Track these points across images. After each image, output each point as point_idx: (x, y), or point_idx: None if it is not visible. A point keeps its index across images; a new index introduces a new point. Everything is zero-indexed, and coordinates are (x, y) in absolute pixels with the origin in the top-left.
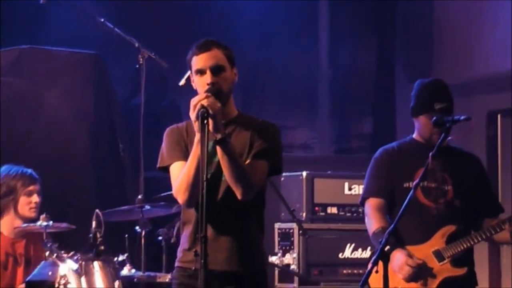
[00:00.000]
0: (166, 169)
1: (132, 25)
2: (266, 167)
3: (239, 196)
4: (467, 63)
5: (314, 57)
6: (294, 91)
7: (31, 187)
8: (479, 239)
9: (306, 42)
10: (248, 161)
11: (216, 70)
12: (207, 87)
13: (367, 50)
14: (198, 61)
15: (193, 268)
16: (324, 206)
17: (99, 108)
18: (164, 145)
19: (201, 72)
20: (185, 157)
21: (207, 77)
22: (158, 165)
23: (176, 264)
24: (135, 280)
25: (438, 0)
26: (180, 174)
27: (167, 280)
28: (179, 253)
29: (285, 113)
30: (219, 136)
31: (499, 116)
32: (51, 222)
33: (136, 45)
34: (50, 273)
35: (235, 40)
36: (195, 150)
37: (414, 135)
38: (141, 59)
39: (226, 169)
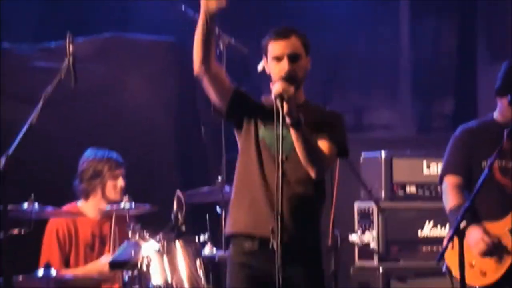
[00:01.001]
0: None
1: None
2: (334, 149)
3: (313, 175)
4: None
5: (396, 38)
6: (376, 73)
7: (117, 171)
8: None
9: (387, 21)
10: (321, 142)
11: (293, 58)
12: (283, 74)
13: (449, 31)
14: (276, 47)
15: (270, 245)
16: (403, 185)
17: (182, 94)
18: None
19: (278, 58)
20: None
21: (284, 64)
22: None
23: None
24: (216, 259)
25: None
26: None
27: None
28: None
29: (367, 94)
30: (292, 119)
31: None
32: (134, 204)
33: (216, 32)
34: (133, 253)
35: (315, 27)
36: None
37: (496, 115)
38: (221, 45)
39: (301, 150)
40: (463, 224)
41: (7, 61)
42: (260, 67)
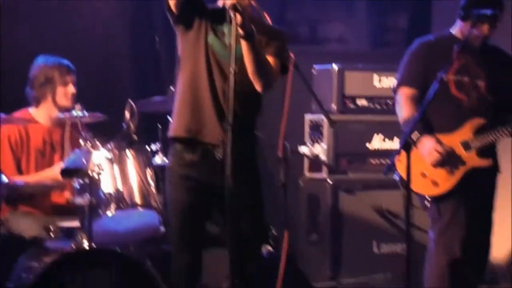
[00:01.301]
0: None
1: None
2: (279, 65)
3: (259, 88)
4: None
5: None
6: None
7: (68, 77)
8: (506, 133)
9: None
10: (267, 57)
11: None
12: None
13: None
14: None
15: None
16: (354, 98)
17: (138, 7)
18: None
19: None
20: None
21: None
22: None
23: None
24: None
25: None
26: None
27: None
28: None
29: (322, 7)
30: (246, 31)
31: None
32: (85, 112)
33: None
34: (84, 161)
35: None
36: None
37: (455, 32)
38: None
39: (251, 62)
40: (415, 135)
41: None
42: None
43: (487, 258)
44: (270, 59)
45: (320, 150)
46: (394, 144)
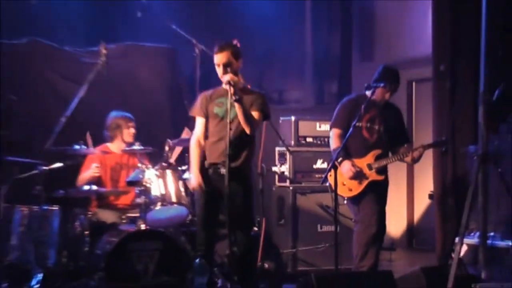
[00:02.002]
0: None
1: (190, 25)
2: (260, 116)
3: (248, 131)
4: (396, 47)
5: (302, 44)
6: (290, 66)
7: (130, 124)
8: (394, 159)
9: (297, 33)
10: (251, 112)
11: (225, 65)
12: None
13: (336, 37)
14: (216, 58)
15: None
16: (304, 137)
17: (174, 81)
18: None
19: (218, 65)
20: (204, 114)
21: (220, 70)
22: (189, 113)
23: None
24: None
25: (379, 1)
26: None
27: None
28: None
29: (284, 80)
30: (236, 96)
31: (413, 83)
32: (142, 146)
33: (194, 41)
34: (141, 176)
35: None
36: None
37: (369, 94)
38: (196, 50)
39: (241, 116)
40: (340, 159)
41: (66, 58)
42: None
43: (384, 231)
44: (254, 113)
45: (285, 169)
46: (327, 165)
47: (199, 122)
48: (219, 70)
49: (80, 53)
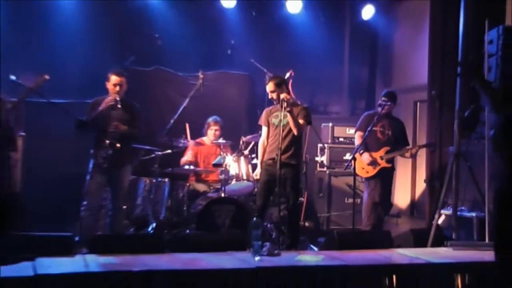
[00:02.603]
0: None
1: (263, 58)
2: (304, 122)
3: (296, 133)
4: (406, 76)
5: (341, 73)
6: (332, 89)
7: (215, 126)
8: (398, 154)
9: (337, 64)
10: (299, 120)
11: (272, 92)
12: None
13: (364, 69)
14: (267, 88)
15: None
16: (338, 138)
17: (250, 97)
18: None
19: (268, 92)
20: (266, 124)
21: (272, 95)
22: (259, 122)
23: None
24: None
25: (396, 41)
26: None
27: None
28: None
29: (328, 98)
30: (288, 109)
31: (418, 103)
32: (224, 140)
33: (265, 70)
34: (222, 160)
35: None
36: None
37: (379, 109)
38: (266, 77)
39: (292, 122)
40: (361, 151)
41: (179, 80)
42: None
43: (391, 204)
44: (301, 120)
45: (324, 159)
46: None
47: (264, 129)
48: (270, 95)
49: (187, 77)
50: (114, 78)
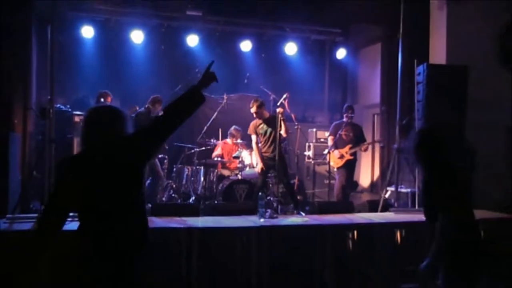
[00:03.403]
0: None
1: (267, 83)
2: (285, 129)
3: (284, 135)
4: (368, 96)
5: (323, 93)
6: (317, 105)
7: (236, 133)
8: (357, 149)
9: (320, 86)
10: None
11: (255, 112)
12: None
13: (339, 90)
14: (252, 109)
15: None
16: (320, 139)
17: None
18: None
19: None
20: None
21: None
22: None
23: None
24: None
25: (361, 70)
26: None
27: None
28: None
29: (314, 111)
30: (282, 118)
31: (375, 115)
32: (241, 141)
33: (269, 93)
34: (239, 154)
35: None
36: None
37: (344, 118)
38: (271, 97)
39: (283, 128)
40: (333, 149)
41: (212, 100)
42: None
43: (356, 184)
44: (283, 128)
45: (310, 153)
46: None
47: (253, 137)
48: (254, 114)
49: (217, 98)
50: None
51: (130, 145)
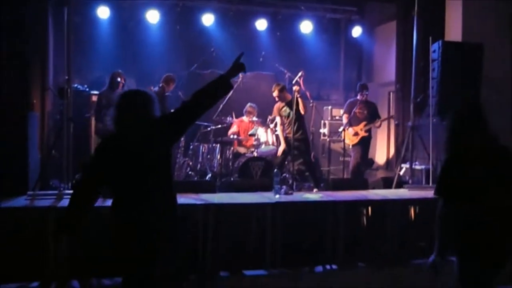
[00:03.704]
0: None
1: (283, 62)
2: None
3: (303, 112)
4: (384, 74)
5: (339, 71)
6: (332, 83)
7: (252, 110)
8: (372, 126)
9: (336, 65)
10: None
11: (277, 96)
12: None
13: (354, 68)
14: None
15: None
16: (335, 116)
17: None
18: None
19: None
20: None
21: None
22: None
23: None
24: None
25: (376, 49)
26: None
27: None
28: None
29: (329, 90)
30: (298, 95)
31: (391, 93)
32: (257, 118)
33: (285, 71)
34: (255, 132)
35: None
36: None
37: (359, 96)
38: (286, 76)
39: (302, 107)
40: (347, 127)
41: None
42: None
43: (372, 161)
44: (302, 106)
45: (325, 130)
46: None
47: (278, 118)
48: (277, 98)
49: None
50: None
51: (159, 127)
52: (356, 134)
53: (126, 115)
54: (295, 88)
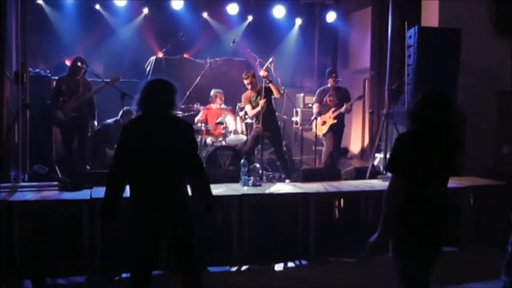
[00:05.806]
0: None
1: (253, 47)
2: (281, 92)
3: (277, 96)
4: (358, 61)
5: (313, 58)
6: (306, 70)
7: (219, 96)
8: (339, 111)
9: (310, 52)
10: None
11: (248, 83)
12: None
13: (328, 55)
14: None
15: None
16: (307, 104)
17: None
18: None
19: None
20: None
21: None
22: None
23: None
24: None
25: (352, 34)
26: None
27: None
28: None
29: (303, 77)
30: (268, 80)
31: (366, 80)
32: (225, 106)
33: (256, 57)
34: (224, 119)
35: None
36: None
37: (329, 83)
38: (257, 61)
39: (274, 89)
40: (317, 115)
41: (196, 65)
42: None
43: (345, 149)
44: (275, 90)
45: (297, 119)
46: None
47: (248, 106)
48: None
49: (201, 62)
50: None
51: (180, 127)
52: (324, 123)
53: (149, 100)
54: (262, 73)
